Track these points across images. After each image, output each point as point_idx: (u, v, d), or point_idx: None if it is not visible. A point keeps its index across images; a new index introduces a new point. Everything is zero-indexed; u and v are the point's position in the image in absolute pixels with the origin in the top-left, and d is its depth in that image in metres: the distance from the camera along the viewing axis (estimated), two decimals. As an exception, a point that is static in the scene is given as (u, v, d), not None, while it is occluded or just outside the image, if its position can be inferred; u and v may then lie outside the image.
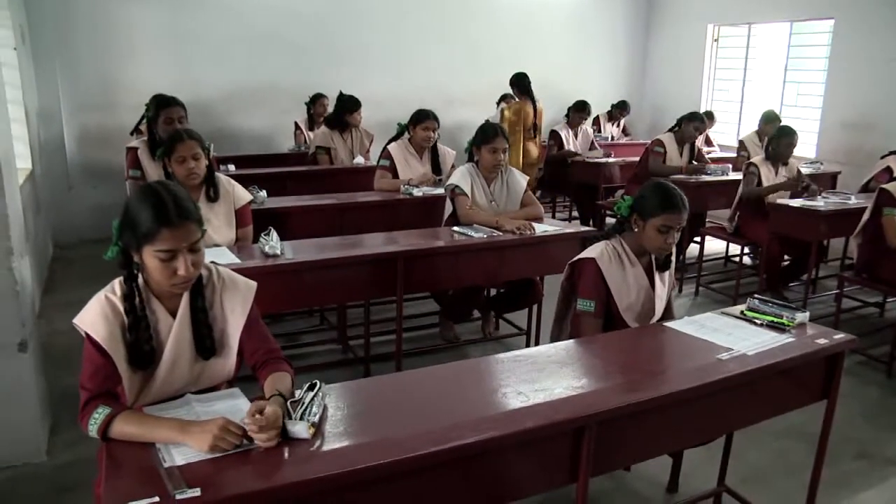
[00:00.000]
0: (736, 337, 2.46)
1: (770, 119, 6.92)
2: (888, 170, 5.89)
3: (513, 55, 8.92)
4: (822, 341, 2.45)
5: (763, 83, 8.93)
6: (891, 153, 6.00)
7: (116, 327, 1.85)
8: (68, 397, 3.56)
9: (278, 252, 3.29)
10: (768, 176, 5.42)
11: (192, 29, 7.31)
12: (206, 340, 1.99)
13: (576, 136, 7.96)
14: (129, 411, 1.78)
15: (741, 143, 7.15)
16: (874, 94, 7.31)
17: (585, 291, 2.71)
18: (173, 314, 1.96)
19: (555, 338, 2.92)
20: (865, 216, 4.53)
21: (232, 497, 1.50)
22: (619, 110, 9.35)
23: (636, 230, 2.73)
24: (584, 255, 2.79)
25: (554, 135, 7.89)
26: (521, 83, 7.13)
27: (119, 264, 1.89)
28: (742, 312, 2.70)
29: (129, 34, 7.06)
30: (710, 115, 7.75)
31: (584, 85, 9.53)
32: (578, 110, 7.95)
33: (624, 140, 9.43)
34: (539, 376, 2.11)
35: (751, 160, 5.57)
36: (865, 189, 5.94)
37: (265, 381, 1.96)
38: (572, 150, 7.81)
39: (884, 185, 4.43)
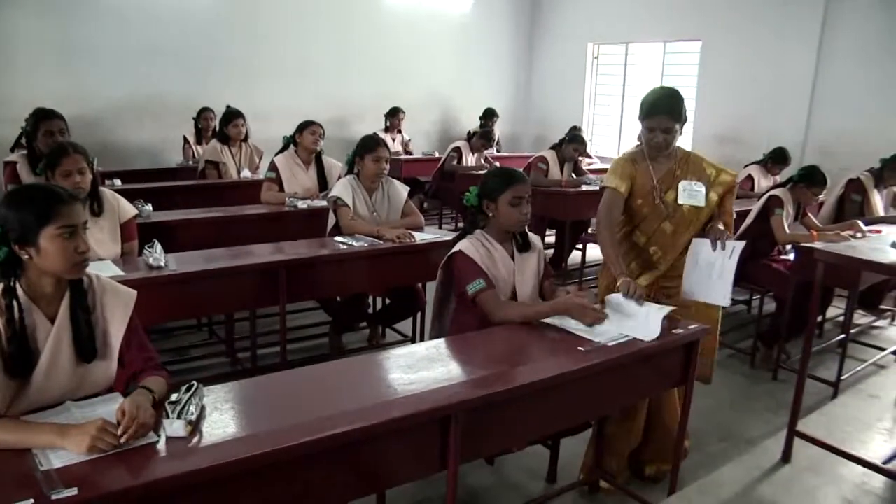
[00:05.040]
0: (599, 330, 2.63)
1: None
2: (750, 178, 6.39)
3: (402, 70, 9.13)
4: (677, 331, 2.67)
5: (641, 98, 9.37)
6: (753, 163, 6.51)
7: None
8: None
9: (162, 264, 3.29)
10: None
11: (78, 39, 7.10)
12: (87, 342, 1.97)
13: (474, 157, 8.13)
14: (2, 419, 1.77)
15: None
16: (738, 110, 7.90)
17: (469, 276, 2.78)
18: (52, 320, 1.94)
19: (435, 335, 3.04)
20: (749, 219, 4.86)
21: (108, 494, 1.53)
22: (486, 119, 9.09)
23: (491, 215, 2.87)
24: (451, 252, 2.91)
25: (456, 150, 7.99)
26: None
27: (2, 267, 1.87)
28: (609, 308, 2.90)
29: (7, 43, 6.77)
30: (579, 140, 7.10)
31: (470, 99, 9.79)
32: (484, 139, 8.07)
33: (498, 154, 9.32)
34: (410, 371, 2.22)
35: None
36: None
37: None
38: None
39: (773, 192, 4.76)
